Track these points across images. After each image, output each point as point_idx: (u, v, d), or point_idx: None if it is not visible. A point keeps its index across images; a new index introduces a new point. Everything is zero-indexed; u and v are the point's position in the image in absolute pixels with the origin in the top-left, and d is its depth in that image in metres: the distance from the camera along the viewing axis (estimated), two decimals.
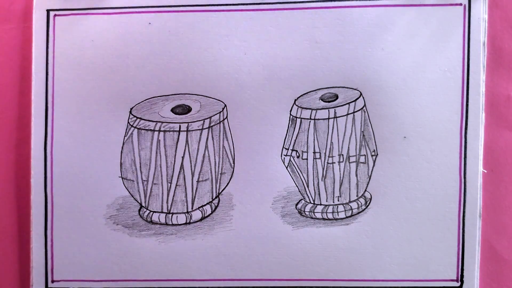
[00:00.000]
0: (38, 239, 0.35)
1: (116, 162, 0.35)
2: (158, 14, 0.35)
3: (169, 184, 0.35)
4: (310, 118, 0.34)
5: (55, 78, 0.35)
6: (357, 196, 0.35)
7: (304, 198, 0.35)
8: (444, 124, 0.34)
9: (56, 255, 0.35)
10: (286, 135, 0.35)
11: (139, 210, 0.35)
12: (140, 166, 0.35)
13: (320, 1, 0.34)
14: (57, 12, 0.35)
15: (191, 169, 0.35)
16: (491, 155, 0.35)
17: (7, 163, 0.36)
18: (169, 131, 0.35)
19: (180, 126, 0.35)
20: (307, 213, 0.35)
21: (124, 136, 0.35)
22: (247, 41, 0.35)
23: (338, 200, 0.35)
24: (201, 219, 0.35)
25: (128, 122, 0.35)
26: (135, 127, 0.35)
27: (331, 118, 0.34)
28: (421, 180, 0.34)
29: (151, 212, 0.35)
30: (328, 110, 0.34)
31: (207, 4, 0.35)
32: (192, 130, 0.35)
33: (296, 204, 0.35)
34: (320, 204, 0.35)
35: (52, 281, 0.35)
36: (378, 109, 0.34)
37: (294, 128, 0.35)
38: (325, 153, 0.35)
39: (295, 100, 0.35)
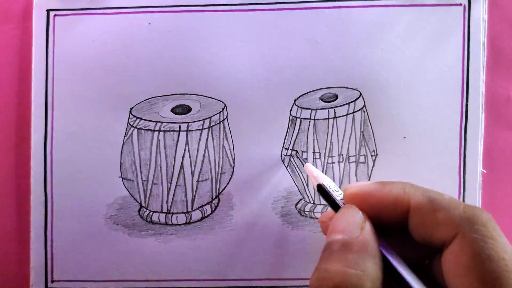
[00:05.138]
0: (38, 239, 0.35)
1: (116, 162, 0.35)
2: (158, 14, 0.35)
3: (169, 184, 0.35)
4: (310, 118, 0.34)
5: (55, 78, 0.35)
6: None
7: (304, 198, 0.35)
8: (444, 124, 0.34)
9: (56, 255, 0.35)
10: (286, 135, 0.35)
11: (139, 210, 0.35)
12: (140, 166, 0.35)
13: (320, 1, 0.34)
14: (57, 12, 0.35)
15: (191, 169, 0.35)
16: (490, 155, 0.35)
17: (7, 163, 0.36)
18: (169, 131, 0.35)
19: (180, 126, 0.35)
20: (307, 213, 0.35)
21: (124, 136, 0.35)
22: (247, 41, 0.35)
23: None
24: (201, 219, 0.35)
25: (128, 122, 0.35)
26: (135, 127, 0.35)
27: (331, 118, 0.34)
28: (421, 180, 0.34)
29: (151, 212, 0.35)
30: (328, 110, 0.34)
31: (207, 4, 0.35)
32: (192, 130, 0.35)
33: (296, 204, 0.35)
34: (320, 204, 0.35)
35: (52, 281, 0.35)
36: (378, 109, 0.34)
37: (294, 128, 0.35)
38: (324, 153, 0.35)
39: (295, 100, 0.35)
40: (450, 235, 0.22)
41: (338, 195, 0.27)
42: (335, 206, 0.27)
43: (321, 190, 0.28)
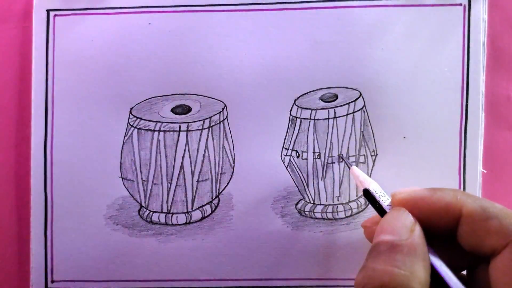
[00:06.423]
0: (38, 239, 0.35)
1: (116, 162, 0.35)
2: (158, 14, 0.35)
3: (169, 184, 0.35)
4: (310, 118, 0.34)
5: (55, 78, 0.35)
6: (356, 196, 0.35)
7: (304, 198, 0.35)
8: (444, 124, 0.34)
9: (56, 255, 0.35)
10: (286, 135, 0.35)
11: (139, 210, 0.35)
12: (140, 166, 0.35)
13: (320, 1, 0.34)
14: (57, 12, 0.35)
15: (191, 169, 0.35)
16: (490, 155, 0.35)
17: (7, 163, 0.36)
18: (169, 131, 0.35)
19: (180, 126, 0.35)
20: (307, 213, 0.35)
21: (124, 136, 0.35)
22: (247, 41, 0.35)
23: (338, 200, 0.35)
24: (201, 219, 0.35)
25: (128, 122, 0.35)
26: (135, 127, 0.35)
27: (331, 118, 0.34)
28: (421, 180, 0.34)
29: (151, 212, 0.35)
30: (328, 110, 0.34)
31: (207, 4, 0.35)
32: (192, 130, 0.35)
33: (296, 204, 0.35)
34: (320, 204, 0.35)
35: (52, 281, 0.35)
36: (378, 109, 0.34)
37: (294, 128, 0.35)
38: (324, 153, 0.35)
39: (295, 100, 0.35)
40: (501, 243, 0.22)
41: (384, 200, 0.28)
42: (381, 212, 0.27)
43: (368, 195, 0.29)
